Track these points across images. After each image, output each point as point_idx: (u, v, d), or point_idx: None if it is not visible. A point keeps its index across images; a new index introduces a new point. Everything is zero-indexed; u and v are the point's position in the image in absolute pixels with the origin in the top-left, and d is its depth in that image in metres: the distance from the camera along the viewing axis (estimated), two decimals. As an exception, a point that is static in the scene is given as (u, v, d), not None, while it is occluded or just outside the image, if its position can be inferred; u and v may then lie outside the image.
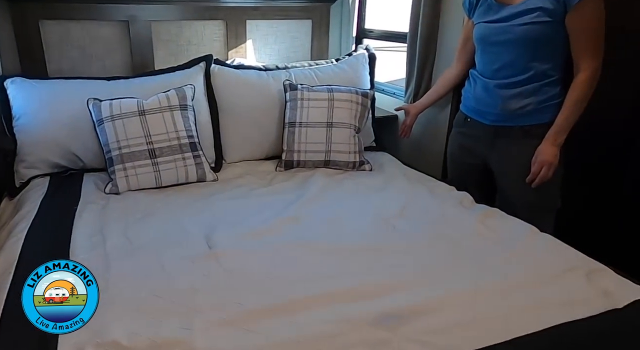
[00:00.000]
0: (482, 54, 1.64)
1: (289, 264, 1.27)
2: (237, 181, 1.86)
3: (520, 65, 1.52)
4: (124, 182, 1.72)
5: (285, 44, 2.67)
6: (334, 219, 1.53)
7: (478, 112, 1.68)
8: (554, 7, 1.41)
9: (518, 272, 1.21)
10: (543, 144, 1.53)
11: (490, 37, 1.57)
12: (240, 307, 1.06)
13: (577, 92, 1.47)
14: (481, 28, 1.61)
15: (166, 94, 1.83)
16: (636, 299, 1.10)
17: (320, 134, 1.97)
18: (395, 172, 1.97)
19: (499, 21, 1.53)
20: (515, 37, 1.49)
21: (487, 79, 1.62)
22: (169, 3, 2.33)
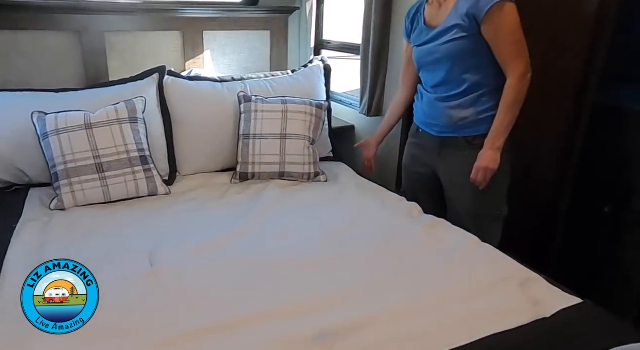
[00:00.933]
0: (422, 72, 1.71)
1: (230, 281, 1.25)
2: (189, 194, 1.83)
3: (454, 79, 1.58)
4: (70, 198, 1.66)
5: (243, 55, 2.65)
6: (282, 233, 1.52)
7: (426, 124, 1.72)
8: (467, 23, 1.48)
9: (455, 284, 1.22)
10: (483, 149, 1.58)
11: (423, 58, 1.65)
12: (175, 328, 1.03)
13: (508, 96, 1.51)
14: (416, 51, 1.69)
15: (115, 107, 1.78)
16: (563, 307, 1.13)
17: (275, 146, 1.96)
18: (349, 182, 1.97)
19: (426, 43, 1.62)
20: (441, 55, 1.56)
21: (430, 94, 1.68)
22: (124, 14, 2.28)
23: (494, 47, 1.50)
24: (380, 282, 1.24)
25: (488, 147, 1.56)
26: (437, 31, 1.57)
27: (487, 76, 1.56)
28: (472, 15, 1.47)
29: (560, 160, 1.85)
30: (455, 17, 1.51)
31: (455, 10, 1.51)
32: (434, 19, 1.60)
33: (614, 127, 1.85)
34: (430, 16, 1.62)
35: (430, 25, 1.62)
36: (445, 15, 1.55)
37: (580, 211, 1.96)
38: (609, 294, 1.82)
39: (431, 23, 1.62)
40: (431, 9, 1.62)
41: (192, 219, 1.61)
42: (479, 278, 1.25)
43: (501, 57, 1.51)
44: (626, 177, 1.89)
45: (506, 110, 1.53)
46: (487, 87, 1.57)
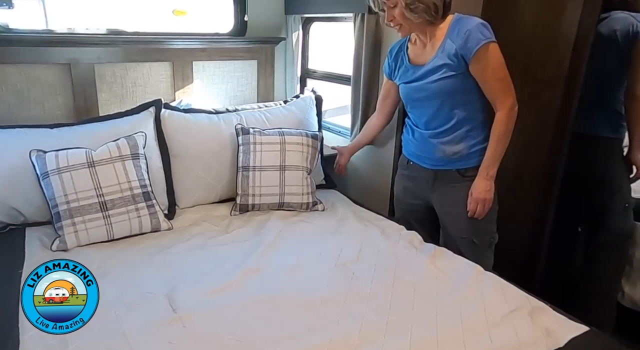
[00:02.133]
0: (411, 109, 1.75)
1: (257, 322, 1.24)
2: (193, 229, 1.80)
3: (444, 115, 1.63)
4: (73, 238, 1.60)
5: (232, 84, 2.64)
6: (294, 268, 1.52)
7: (418, 157, 1.77)
8: (455, 63, 1.54)
9: (470, 317, 1.27)
10: (477, 179, 1.63)
11: (412, 95, 1.69)
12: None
13: (499, 129, 1.59)
14: (403, 88, 1.73)
15: (116, 143, 1.74)
16: (573, 336, 1.19)
17: (274, 177, 1.96)
18: (347, 211, 2.00)
19: (414, 81, 1.66)
20: (431, 93, 1.61)
21: (421, 130, 1.72)
22: (113, 46, 2.23)
23: (482, 84, 1.57)
24: (399, 317, 1.27)
25: (482, 177, 1.63)
26: (425, 70, 1.61)
27: (475, 111, 1.63)
28: (461, 55, 1.53)
29: (544, 186, 1.96)
30: (443, 57, 1.56)
31: (442, 50, 1.57)
32: (419, 58, 1.65)
33: (587, 152, 1.97)
34: (415, 55, 1.67)
35: (416, 63, 1.66)
36: (431, 54, 1.60)
37: (562, 232, 2.07)
38: (588, 310, 1.93)
39: (417, 61, 1.66)
40: (415, 48, 1.68)
41: (202, 257, 1.59)
42: (491, 309, 1.30)
43: (490, 93, 1.58)
44: (599, 199, 2.02)
45: (497, 141, 1.60)
46: (475, 121, 1.64)
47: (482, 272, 1.50)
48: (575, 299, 2.10)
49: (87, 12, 2.43)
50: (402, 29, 1.58)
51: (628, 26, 1.79)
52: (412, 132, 1.77)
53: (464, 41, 1.51)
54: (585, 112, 1.87)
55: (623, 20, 1.81)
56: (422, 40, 1.63)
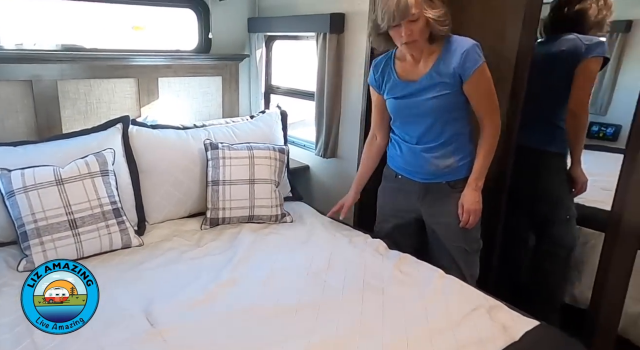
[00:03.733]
0: (401, 124, 1.72)
1: (234, 333, 1.25)
2: (164, 244, 1.79)
3: (437, 130, 1.63)
4: (41, 258, 1.55)
5: (197, 100, 2.64)
6: (268, 279, 1.55)
7: (407, 171, 1.75)
8: (451, 81, 1.55)
9: (435, 318, 1.34)
10: (466, 190, 1.65)
11: (404, 111, 1.67)
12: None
13: (488, 143, 1.62)
14: (392, 103, 1.69)
15: (85, 160, 1.71)
16: (526, 330, 1.29)
17: (244, 191, 1.98)
18: (315, 222, 2.04)
19: (406, 97, 1.64)
20: (425, 109, 1.60)
21: (411, 144, 1.70)
22: (77, 62, 2.19)
23: (474, 101, 1.59)
24: (371, 321, 1.32)
25: (472, 189, 1.64)
26: (418, 87, 1.59)
27: (463, 126, 1.65)
28: (459, 74, 1.53)
29: (494, 195, 2.08)
30: (438, 75, 1.55)
31: (437, 68, 1.56)
32: (410, 74, 1.63)
33: (532, 165, 2.10)
34: (405, 71, 1.64)
35: (406, 79, 1.63)
36: (423, 71, 1.59)
37: (511, 240, 2.19)
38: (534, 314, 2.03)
39: (407, 77, 1.63)
40: (404, 64, 1.64)
41: (176, 272, 1.58)
42: (454, 309, 1.38)
43: (480, 110, 1.60)
44: (541, 210, 2.09)
45: (486, 155, 1.63)
46: (464, 136, 1.66)
47: (444, 275, 1.58)
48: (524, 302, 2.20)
49: (41, 27, 2.36)
50: (415, 44, 1.52)
51: (574, 47, 1.85)
52: (399, 146, 1.75)
53: (462, 61, 1.51)
54: (532, 128, 1.95)
55: (571, 41, 1.87)
56: (414, 57, 1.60)
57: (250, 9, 2.76)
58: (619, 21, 2.34)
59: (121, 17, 2.56)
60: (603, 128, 2.54)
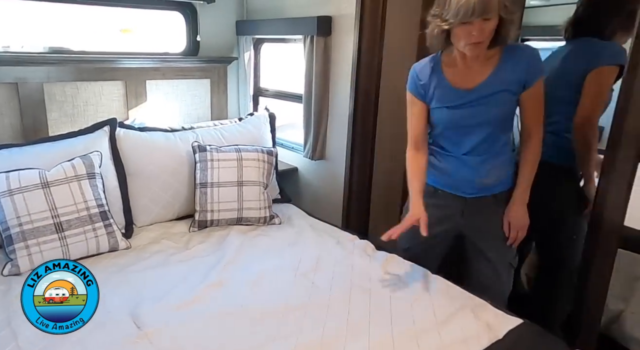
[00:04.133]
0: (451, 135, 1.55)
1: (222, 335, 1.25)
2: (152, 247, 1.78)
3: (492, 141, 1.51)
4: (27, 261, 1.53)
5: (185, 102, 2.64)
6: (256, 280, 1.55)
7: (451, 186, 1.59)
8: (515, 89, 1.44)
9: (422, 316, 1.35)
10: (514, 206, 1.53)
11: (461, 121, 1.50)
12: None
13: (536, 155, 1.51)
14: (444, 113, 1.52)
15: (71, 163, 1.70)
16: (510, 328, 1.30)
17: (232, 193, 1.98)
18: (303, 224, 2.05)
19: (464, 106, 1.48)
20: (486, 119, 1.47)
21: (460, 157, 1.54)
22: (63, 65, 2.17)
23: (529, 110, 1.48)
24: (358, 321, 1.33)
25: (520, 203, 1.53)
26: (477, 95, 1.45)
27: (509, 136, 1.55)
28: (524, 81, 1.43)
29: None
30: (501, 82, 1.43)
31: (499, 74, 1.44)
32: (463, 81, 1.48)
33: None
34: (457, 77, 1.49)
35: (461, 87, 1.48)
36: (481, 78, 1.45)
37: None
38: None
39: (461, 85, 1.48)
40: (456, 71, 1.49)
41: (164, 274, 1.57)
42: (439, 309, 1.39)
43: (531, 119, 1.49)
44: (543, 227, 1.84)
45: (533, 166, 1.52)
46: (509, 146, 1.56)
47: (429, 274, 1.60)
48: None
49: (28, 30, 2.34)
50: (480, 46, 1.38)
51: (588, 52, 1.67)
52: (443, 159, 1.58)
53: (529, 67, 1.42)
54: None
55: (585, 45, 1.70)
56: (467, 63, 1.46)
57: (238, 12, 2.76)
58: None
59: (109, 20, 2.54)
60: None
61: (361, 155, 2.25)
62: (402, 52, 2.23)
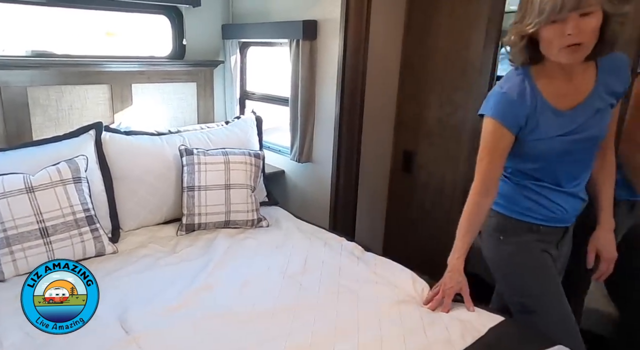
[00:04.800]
0: (558, 166, 1.28)
1: (211, 338, 1.25)
2: (139, 251, 1.76)
3: (590, 164, 1.31)
4: (11, 267, 1.51)
5: (172, 106, 2.62)
6: (244, 283, 1.55)
7: (553, 219, 1.35)
8: (615, 102, 1.25)
9: (409, 318, 1.36)
10: (603, 232, 1.35)
11: (571, 148, 1.24)
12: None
13: (613, 173, 1.35)
14: (558, 143, 1.23)
15: (56, 167, 1.68)
16: (491, 326, 1.32)
17: (220, 196, 1.98)
18: (291, 226, 2.05)
19: (575, 132, 1.22)
20: (596, 141, 1.26)
21: (564, 188, 1.31)
22: (47, 68, 2.14)
23: (612, 123, 1.30)
24: (346, 322, 1.34)
25: (607, 230, 1.35)
26: (586, 114, 1.21)
27: None
28: (620, 93, 1.25)
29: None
30: (605, 96, 1.22)
31: (601, 86, 1.22)
32: (567, 99, 1.22)
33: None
34: (558, 95, 1.22)
35: (565, 108, 1.22)
36: (585, 92, 1.21)
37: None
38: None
39: (564, 105, 1.22)
40: (554, 87, 1.22)
41: (151, 278, 1.56)
42: (426, 309, 1.41)
43: (611, 134, 1.33)
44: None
45: (612, 185, 1.35)
46: None
47: (414, 276, 1.61)
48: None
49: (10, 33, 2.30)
50: (581, 50, 1.10)
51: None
52: (540, 192, 1.32)
53: (625, 78, 1.25)
54: None
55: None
56: (567, 76, 1.20)
57: (224, 16, 2.75)
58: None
59: (94, 23, 2.52)
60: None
61: (347, 157, 2.27)
62: (386, 56, 2.26)
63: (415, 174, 2.36)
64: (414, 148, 2.33)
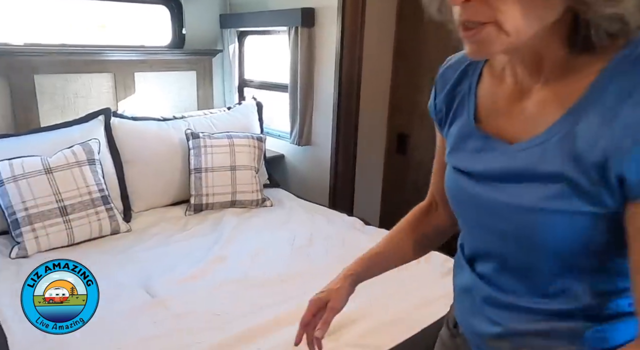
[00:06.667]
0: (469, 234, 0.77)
1: (228, 300, 1.35)
2: (151, 230, 1.85)
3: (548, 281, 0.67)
4: (34, 244, 1.59)
5: (172, 94, 2.69)
6: (255, 254, 1.65)
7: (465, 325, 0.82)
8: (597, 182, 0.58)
9: (409, 278, 1.48)
10: None
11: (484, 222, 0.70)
12: (200, 346, 1.12)
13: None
14: (453, 183, 0.74)
15: (71, 150, 1.76)
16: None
17: (226, 177, 2.07)
18: (293, 205, 2.16)
19: (489, 179, 0.65)
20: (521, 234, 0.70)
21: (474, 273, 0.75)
22: (54, 56, 2.20)
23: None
24: (354, 284, 1.45)
25: None
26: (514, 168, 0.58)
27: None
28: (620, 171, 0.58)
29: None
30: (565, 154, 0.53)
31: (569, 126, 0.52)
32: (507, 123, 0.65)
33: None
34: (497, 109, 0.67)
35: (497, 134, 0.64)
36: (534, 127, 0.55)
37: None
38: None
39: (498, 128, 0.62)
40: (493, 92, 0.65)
41: (167, 252, 1.66)
42: (421, 273, 1.53)
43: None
44: None
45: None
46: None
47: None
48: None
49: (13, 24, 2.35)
50: (481, 42, 0.56)
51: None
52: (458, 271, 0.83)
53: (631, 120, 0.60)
54: None
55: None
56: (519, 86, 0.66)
57: (222, 5, 2.82)
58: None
59: (95, 13, 2.57)
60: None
61: (345, 139, 2.37)
62: (380, 42, 2.36)
63: (409, 156, 2.47)
64: (408, 131, 2.45)
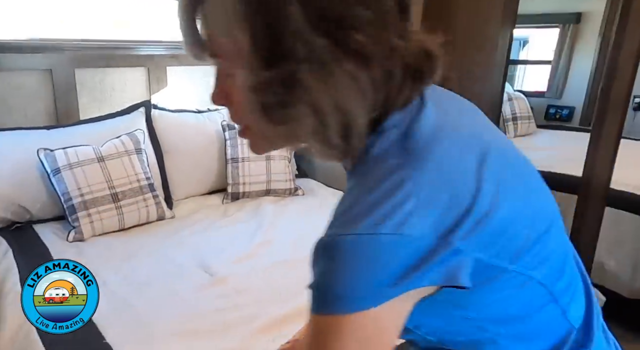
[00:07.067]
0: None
1: (280, 279, 1.43)
2: (194, 216, 1.93)
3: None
4: (89, 228, 1.67)
5: (201, 88, 2.76)
6: (298, 238, 1.73)
7: None
8: None
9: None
10: None
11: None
12: (268, 316, 1.21)
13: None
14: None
15: (120, 139, 1.84)
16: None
17: (261, 167, 2.15)
18: (325, 193, 2.24)
19: None
20: None
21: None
22: (93, 50, 2.28)
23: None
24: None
25: None
26: None
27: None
28: None
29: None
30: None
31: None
32: None
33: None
34: None
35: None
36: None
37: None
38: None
39: None
40: None
41: (214, 236, 1.74)
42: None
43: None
44: None
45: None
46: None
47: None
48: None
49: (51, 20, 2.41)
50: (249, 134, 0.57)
51: None
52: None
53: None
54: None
55: None
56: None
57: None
58: (570, 13, 2.67)
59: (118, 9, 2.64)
60: (559, 110, 2.86)
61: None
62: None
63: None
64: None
